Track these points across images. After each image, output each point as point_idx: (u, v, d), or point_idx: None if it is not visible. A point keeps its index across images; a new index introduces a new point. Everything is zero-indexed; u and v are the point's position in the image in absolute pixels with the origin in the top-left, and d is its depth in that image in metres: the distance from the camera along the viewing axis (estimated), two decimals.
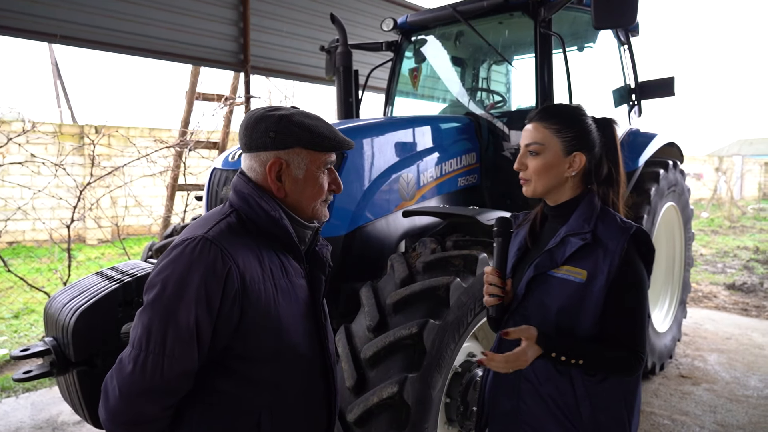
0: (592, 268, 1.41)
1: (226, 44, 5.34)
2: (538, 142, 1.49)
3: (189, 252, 1.20)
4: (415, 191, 3.24)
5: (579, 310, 1.41)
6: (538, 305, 1.46)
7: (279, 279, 1.31)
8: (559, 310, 1.43)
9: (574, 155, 1.49)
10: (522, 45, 4.18)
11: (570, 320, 1.42)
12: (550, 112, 1.52)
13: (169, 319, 1.17)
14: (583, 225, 1.46)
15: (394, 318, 2.16)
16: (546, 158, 1.49)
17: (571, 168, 1.49)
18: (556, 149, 1.49)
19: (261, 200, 1.31)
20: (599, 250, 1.42)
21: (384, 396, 1.96)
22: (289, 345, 1.32)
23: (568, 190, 1.52)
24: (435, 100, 4.66)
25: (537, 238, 1.59)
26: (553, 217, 1.57)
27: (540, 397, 1.46)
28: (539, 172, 1.49)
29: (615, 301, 1.40)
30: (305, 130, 1.31)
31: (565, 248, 1.45)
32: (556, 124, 1.49)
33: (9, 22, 4.00)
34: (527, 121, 1.55)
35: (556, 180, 1.50)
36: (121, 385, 1.18)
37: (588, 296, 1.40)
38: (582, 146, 1.49)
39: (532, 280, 1.48)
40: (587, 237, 1.43)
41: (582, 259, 1.43)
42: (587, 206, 1.49)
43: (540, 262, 1.48)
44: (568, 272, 1.43)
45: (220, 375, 1.27)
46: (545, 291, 1.46)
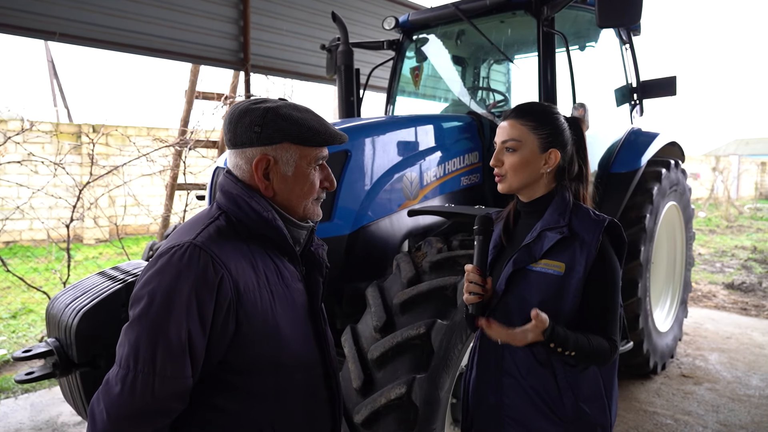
0: (570, 261, 1.44)
1: (226, 42, 5.31)
2: (515, 139, 1.52)
3: (177, 260, 1.11)
4: (419, 190, 3.22)
5: (559, 302, 1.44)
6: (519, 300, 1.48)
7: (275, 284, 1.22)
8: (539, 303, 1.44)
9: (550, 152, 1.53)
10: (523, 44, 4.16)
11: (550, 312, 1.43)
12: (526, 110, 1.56)
13: (159, 335, 1.07)
14: (558, 219, 1.49)
15: (401, 318, 2.14)
16: (522, 155, 1.52)
17: (546, 164, 1.54)
18: (533, 146, 1.52)
19: (251, 200, 1.22)
20: (576, 243, 1.45)
21: (392, 397, 1.94)
22: (289, 354, 1.24)
23: (542, 186, 1.56)
24: (436, 99, 4.64)
25: (511, 235, 1.61)
26: (527, 213, 1.60)
27: (523, 391, 1.49)
28: (515, 169, 1.52)
29: (592, 291, 1.44)
30: (293, 124, 1.22)
31: (542, 242, 1.48)
32: (533, 122, 1.53)
33: (9, 20, 3.96)
34: (502, 119, 1.59)
35: (531, 176, 1.54)
36: (108, 408, 1.07)
37: (567, 288, 1.43)
38: (557, 143, 1.54)
39: (512, 276, 1.50)
40: (564, 231, 1.46)
41: (559, 252, 1.46)
42: (560, 201, 1.53)
43: (518, 257, 1.50)
44: (546, 266, 1.46)
45: (217, 390, 1.18)
46: (525, 286, 1.48)
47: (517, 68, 4.39)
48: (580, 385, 1.47)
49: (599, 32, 4.25)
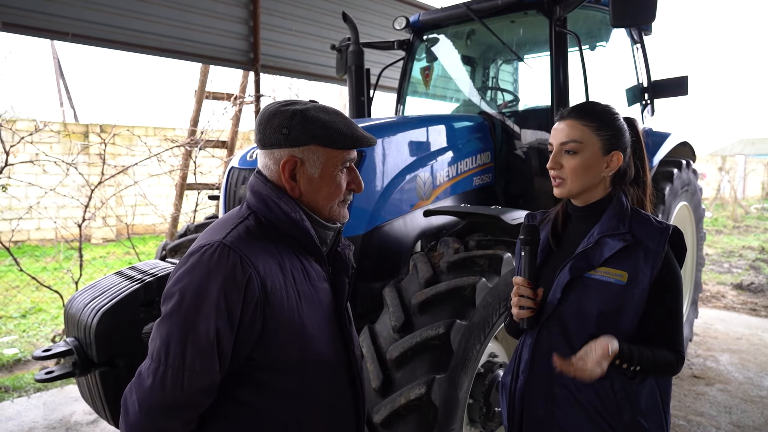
0: (633, 270, 1.38)
1: (236, 43, 5.32)
2: (576, 140, 1.44)
3: (207, 259, 1.14)
4: (432, 190, 3.22)
5: (620, 312, 1.38)
6: (576, 310, 1.42)
7: (301, 284, 1.24)
8: (599, 314, 1.39)
9: (612, 154, 1.46)
10: (535, 44, 4.16)
11: (611, 323, 1.38)
12: (588, 109, 1.48)
13: (189, 332, 1.11)
14: (618, 225, 1.43)
15: (419, 318, 2.14)
16: (584, 157, 1.44)
17: (608, 168, 1.46)
18: (595, 148, 1.45)
19: (280, 201, 1.24)
20: (639, 251, 1.39)
21: (411, 397, 1.94)
22: (315, 353, 1.25)
23: (600, 190, 1.49)
24: (446, 100, 4.64)
25: (560, 239, 1.54)
26: (580, 218, 1.53)
27: (578, 403, 1.42)
28: (577, 172, 1.44)
29: (656, 302, 1.38)
30: (321, 127, 1.23)
31: (601, 249, 1.41)
32: (595, 122, 1.45)
33: (22, 20, 3.98)
34: (558, 119, 1.51)
35: (592, 180, 1.46)
36: (140, 400, 1.12)
37: (629, 298, 1.37)
38: (618, 145, 1.47)
39: (568, 284, 1.43)
40: (628, 238, 1.40)
41: (620, 260, 1.39)
42: (618, 206, 1.46)
43: (575, 264, 1.43)
44: (606, 274, 1.39)
45: (244, 386, 1.20)
46: (583, 294, 1.41)
47: (528, 68, 4.38)
48: (639, 399, 1.42)
49: (610, 32, 4.24)
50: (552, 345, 1.45)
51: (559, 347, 1.43)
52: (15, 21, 3.94)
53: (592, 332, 1.40)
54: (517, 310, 1.46)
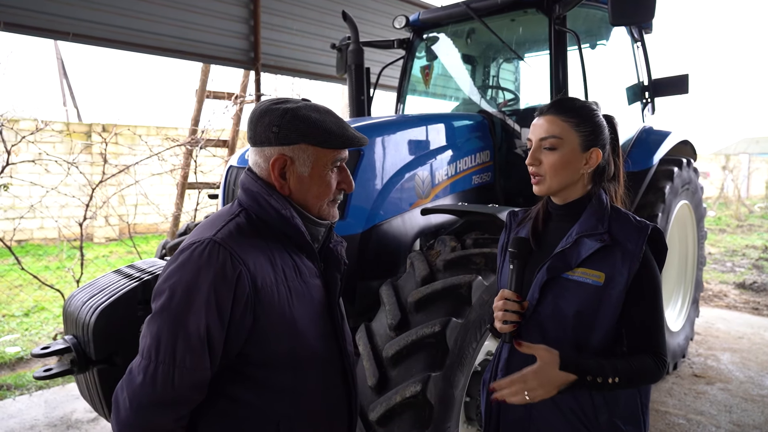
0: (610, 270, 1.36)
1: (237, 42, 5.33)
2: (555, 136, 1.41)
3: (197, 256, 1.15)
4: (430, 189, 3.23)
5: (596, 314, 1.36)
6: (553, 310, 1.40)
7: (292, 280, 1.24)
8: (576, 315, 1.37)
9: (592, 151, 1.43)
10: (534, 42, 4.16)
11: (587, 325, 1.36)
12: (567, 105, 1.46)
13: (179, 328, 1.12)
14: (597, 225, 1.40)
15: (415, 316, 2.14)
16: (563, 153, 1.41)
17: (587, 164, 1.44)
18: (574, 144, 1.42)
19: (270, 198, 1.25)
20: (617, 252, 1.36)
21: (407, 395, 1.94)
22: (306, 349, 1.26)
23: (579, 188, 1.47)
24: (446, 98, 4.64)
25: (540, 239, 1.51)
26: (560, 216, 1.50)
27: (554, 405, 1.41)
28: (556, 168, 1.42)
29: (635, 304, 1.36)
30: (311, 126, 1.23)
31: (579, 249, 1.39)
32: (575, 118, 1.43)
33: (22, 20, 4.00)
34: (538, 114, 1.48)
35: (571, 177, 1.43)
36: (131, 397, 1.13)
37: (606, 299, 1.35)
38: (597, 142, 1.44)
39: (546, 285, 1.41)
40: (605, 238, 1.37)
41: (598, 260, 1.37)
42: (598, 205, 1.44)
43: (552, 264, 1.41)
44: (584, 275, 1.37)
45: (235, 382, 1.21)
46: (560, 295, 1.39)
47: (527, 67, 4.38)
48: (617, 402, 1.40)
49: (610, 30, 4.23)
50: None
51: None
52: (16, 21, 3.96)
53: (569, 333, 1.38)
54: (501, 324, 1.43)
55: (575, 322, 1.37)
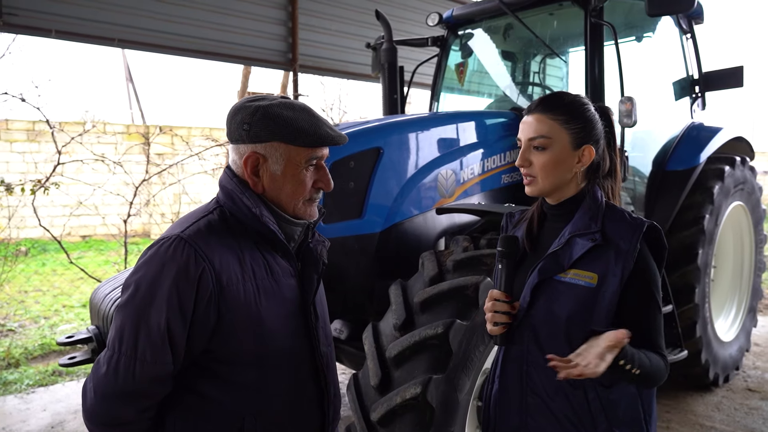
0: (603, 271, 1.31)
1: (275, 44, 5.45)
2: (544, 136, 1.37)
3: (162, 252, 1.16)
4: (455, 188, 3.17)
5: (590, 317, 1.31)
6: (546, 314, 1.35)
7: (262, 279, 1.24)
8: (568, 318, 1.32)
9: (584, 148, 1.38)
10: (576, 37, 4.01)
11: (580, 328, 1.31)
12: (555, 102, 1.40)
13: (141, 322, 1.14)
14: (590, 224, 1.35)
15: (421, 317, 2.11)
16: (554, 153, 1.37)
17: (580, 163, 1.39)
18: (564, 142, 1.37)
19: (243, 196, 1.24)
20: (610, 251, 1.31)
21: (407, 396, 1.92)
22: (274, 347, 1.25)
23: (573, 186, 1.41)
24: (482, 95, 4.55)
25: (535, 240, 1.46)
26: (554, 216, 1.45)
27: (550, 413, 1.35)
28: (547, 169, 1.37)
29: (632, 304, 1.30)
30: (281, 124, 1.22)
31: (571, 250, 1.34)
32: (563, 115, 1.37)
33: (73, 28, 4.26)
34: (526, 113, 1.44)
35: (564, 176, 1.39)
36: (96, 387, 1.16)
37: (599, 301, 1.30)
38: (590, 138, 1.39)
39: (537, 287, 1.37)
40: (597, 237, 1.32)
41: (591, 261, 1.32)
42: (592, 203, 1.39)
43: (544, 266, 1.36)
44: (576, 276, 1.32)
45: (203, 378, 1.22)
46: (552, 298, 1.34)
47: (564, 62, 4.23)
48: (615, 408, 1.34)
49: (657, 22, 4.02)
50: (523, 350, 1.39)
51: (531, 353, 1.37)
52: (67, 29, 4.21)
53: (562, 337, 1.33)
54: (491, 326, 1.39)
55: (568, 326, 1.33)
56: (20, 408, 3.80)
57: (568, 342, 1.33)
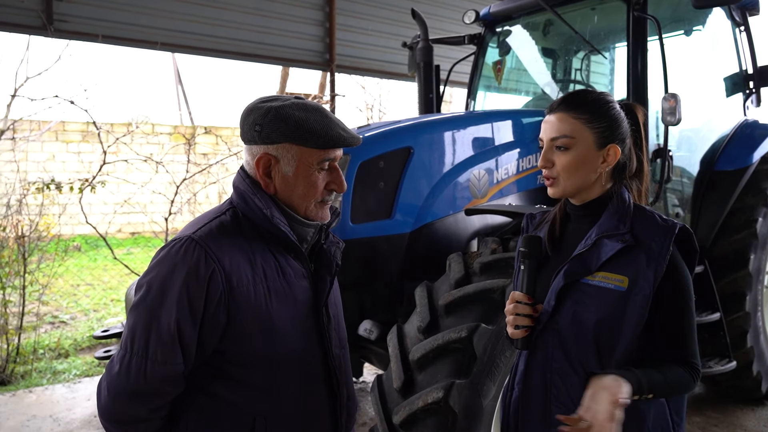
0: (634, 274, 1.24)
1: (312, 44, 5.50)
2: (567, 135, 1.31)
3: (173, 254, 1.17)
4: (488, 188, 3.11)
5: (620, 322, 1.25)
6: (572, 318, 1.29)
7: (273, 280, 1.23)
8: (597, 323, 1.26)
9: (609, 147, 1.32)
10: (620, 32, 3.86)
11: (610, 334, 1.25)
12: (578, 100, 1.35)
13: (152, 322, 1.15)
14: (618, 225, 1.29)
15: (445, 320, 2.07)
16: (577, 153, 1.31)
17: (605, 163, 1.33)
18: (588, 142, 1.31)
19: (254, 197, 1.24)
20: (641, 254, 1.25)
21: (429, 401, 1.88)
22: (285, 348, 1.25)
23: (598, 187, 1.35)
24: (519, 94, 4.45)
25: (558, 242, 1.41)
26: (578, 218, 1.39)
27: None
28: (569, 170, 1.31)
29: (664, 310, 1.25)
30: (293, 125, 1.21)
31: (599, 252, 1.28)
32: (586, 114, 1.32)
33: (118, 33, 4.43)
34: (548, 112, 1.38)
35: (588, 177, 1.33)
36: (109, 385, 1.18)
37: (630, 306, 1.24)
38: (615, 137, 1.33)
39: (563, 291, 1.31)
40: (627, 238, 1.26)
41: (621, 263, 1.26)
42: (619, 203, 1.33)
43: (570, 269, 1.31)
44: (605, 279, 1.26)
45: (213, 379, 1.23)
46: (579, 302, 1.29)
47: (605, 58, 4.08)
48: (644, 418, 1.28)
49: (707, 15, 3.83)
50: (548, 356, 1.33)
51: (556, 359, 1.32)
52: (113, 34, 4.39)
53: (590, 343, 1.28)
54: (512, 329, 1.35)
55: (597, 331, 1.27)
56: (67, 397, 3.97)
57: (596, 348, 1.28)
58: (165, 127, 10.44)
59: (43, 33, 4.10)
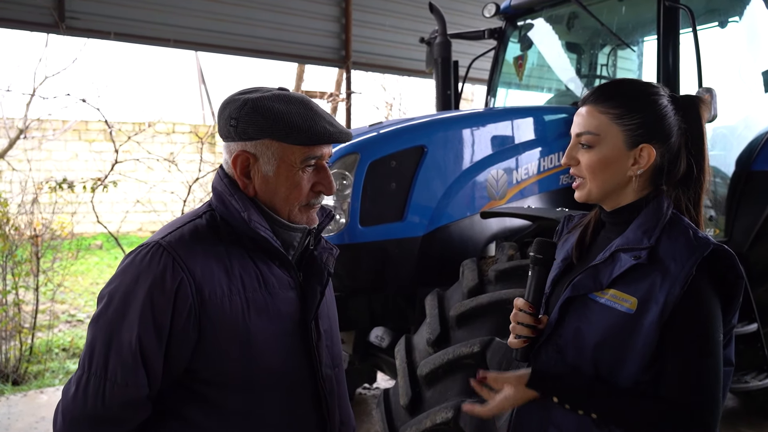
0: (645, 296, 1.08)
1: (328, 41, 5.40)
2: (591, 132, 1.15)
3: (138, 261, 1.05)
4: (507, 189, 2.95)
5: (625, 348, 1.09)
6: (575, 335, 1.16)
7: (253, 291, 1.10)
8: (597, 345, 1.11)
9: (641, 148, 1.15)
10: (650, 24, 3.66)
11: (612, 359, 1.10)
12: (609, 92, 1.18)
13: (113, 339, 1.03)
14: (642, 238, 1.12)
15: (457, 332, 1.93)
16: (602, 152, 1.15)
17: (636, 165, 1.15)
18: (616, 140, 1.15)
19: (232, 198, 1.11)
20: (656, 273, 1.08)
21: (437, 421, 1.74)
22: (265, 368, 1.11)
23: (630, 192, 1.18)
24: (541, 90, 4.28)
25: (586, 250, 1.25)
26: (610, 225, 1.23)
27: None
28: (594, 170, 1.16)
29: (670, 341, 1.07)
30: (271, 119, 1.07)
31: (614, 266, 1.13)
32: (617, 108, 1.15)
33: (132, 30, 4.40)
34: (580, 104, 1.22)
35: (615, 180, 1.16)
36: (64, 410, 1.05)
37: (637, 331, 1.08)
38: (652, 136, 1.15)
39: (568, 303, 1.17)
40: (642, 255, 1.09)
41: (634, 282, 1.10)
42: (653, 213, 1.15)
43: (580, 281, 1.16)
44: (613, 298, 1.11)
45: (188, 402, 1.10)
46: (583, 318, 1.15)
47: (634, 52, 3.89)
48: None
49: (745, 5, 3.60)
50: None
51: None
52: (125, 31, 4.35)
53: (589, 365, 1.13)
54: (513, 338, 1.22)
55: (597, 355, 1.13)
56: None
57: (595, 373, 1.13)
58: (186, 126, 10.47)
59: (55, 30, 4.08)
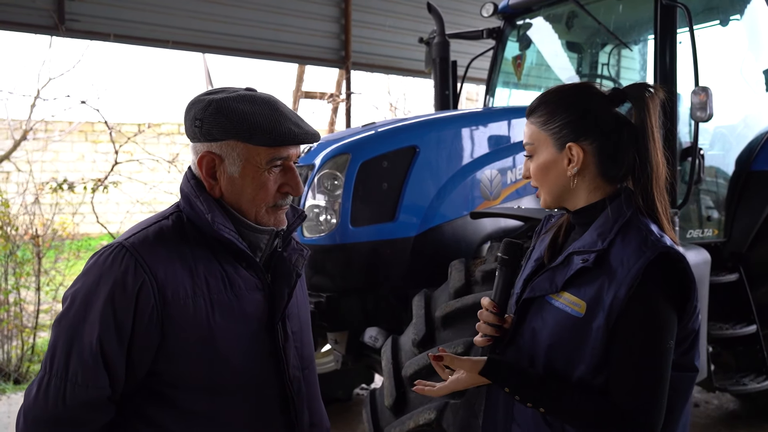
0: (593, 300, 1.07)
1: (328, 41, 5.41)
2: (528, 142, 1.20)
3: (101, 262, 1.05)
4: (501, 190, 2.94)
5: (575, 351, 1.09)
6: (531, 336, 1.17)
7: (218, 293, 1.10)
8: (550, 348, 1.12)
9: (569, 147, 1.14)
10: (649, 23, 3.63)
11: (564, 361, 1.10)
12: (535, 103, 1.21)
13: (74, 340, 1.03)
14: (597, 241, 1.11)
15: (442, 333, 1.92)
16: (540, 159, 1.18)
17: (571, 164, 1.15)
18: (547, 145, 1.16)
19: (197, 200, 1.11)
20: (604, 277, 1.08)
21: (420, 422, 1.74)
22: (230, 371, 1.11)
23: (582, 192, 1.17)
24: (540, 90, 4.24)
25: (558, 252, 1.23)
26: (578, 226, 1.23)
27: None
28: (537, 177, 1.19)
29: (615, 345, 1.06)
30: (235, 120, 1.07)
31: (567, 269, 1.13)
32: (542, 116, 1.17)
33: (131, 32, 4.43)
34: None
35: (560, 182, 1.17)
36: (26, 411, 1.05)
37: (586, 335, 1.08)
38: (578, 134, 1.14)
39: (528, 304, 1.18)
40: (588, 258, 1.09)
41: (584, 285, 1.09)
42: (612, 214, 1.13)
43: (538, 282, 1.17)
44: (565, 301, 1.11)
45: (154, 404, 1.10)
46: (539, 319, 1.15)
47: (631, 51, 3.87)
48: None
49: (745, 3, 3.57)
50: None
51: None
52: (125, 33, 4.38)
53: (544, 368, 1.13)
54: (478, 337, 1.23)
55: (550, 356, 1.13)
56: None
57: (550, 374, 1.13)
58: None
59: (55, 33, 4.12)
